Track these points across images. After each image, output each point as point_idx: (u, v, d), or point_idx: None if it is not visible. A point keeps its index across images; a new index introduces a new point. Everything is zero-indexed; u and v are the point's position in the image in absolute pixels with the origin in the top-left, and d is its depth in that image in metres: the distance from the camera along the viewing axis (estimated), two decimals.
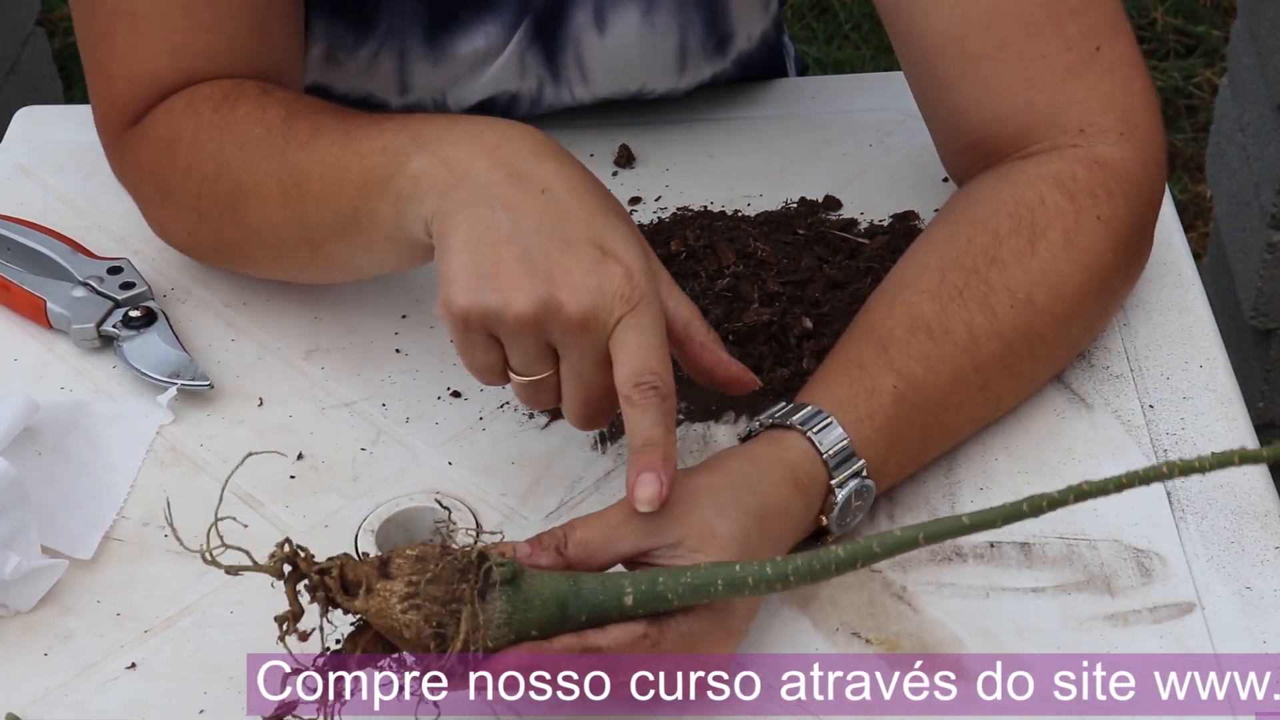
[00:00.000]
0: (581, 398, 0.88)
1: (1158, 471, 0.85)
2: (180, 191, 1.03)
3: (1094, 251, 0.99)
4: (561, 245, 0.85)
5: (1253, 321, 1.79)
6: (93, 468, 1.00)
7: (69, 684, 0.90)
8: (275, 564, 0.80)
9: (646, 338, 0.85)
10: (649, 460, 0.85)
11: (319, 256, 0.99)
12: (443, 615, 0.79)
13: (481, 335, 0.87)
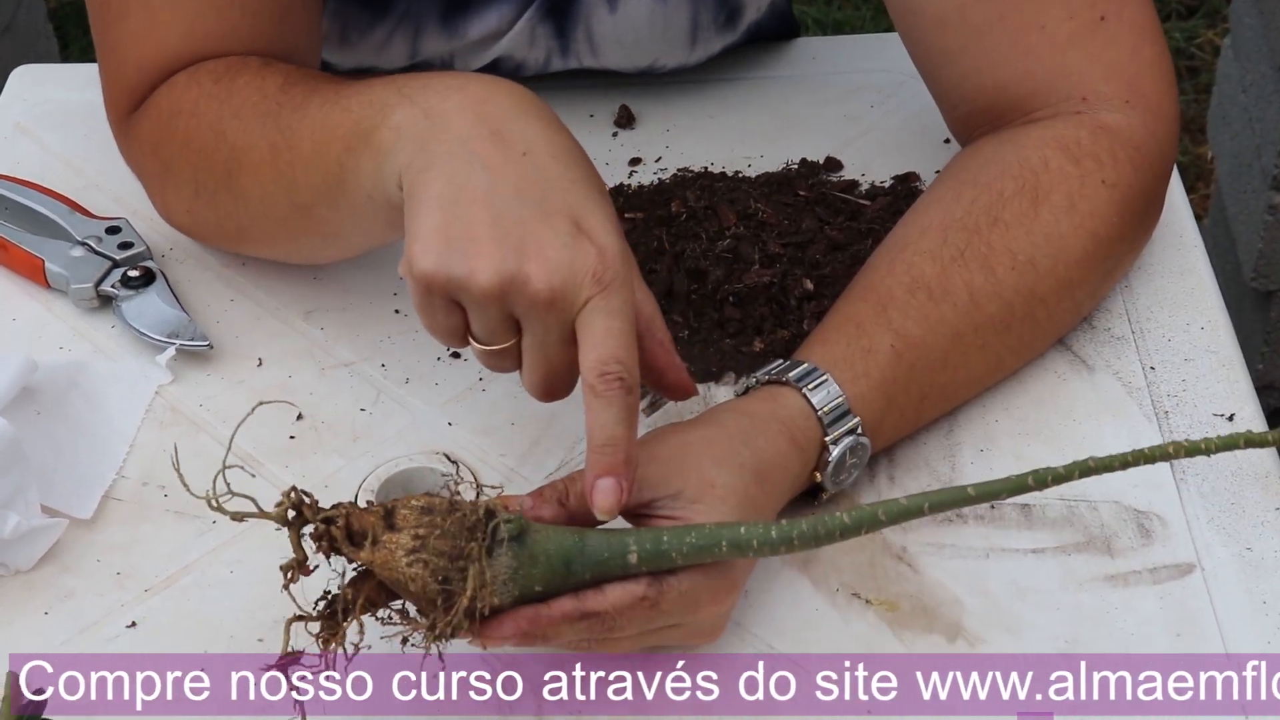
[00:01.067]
0: (542, 372, 0.86)
1: (1163, 451, 0.85)
2: (179, 165, 1.02)
3: (1098, 216, 0.99)
4: (537, 214, 0.83)
5: (1253, 283, 1.79)
6: (92, 427, 1.00)
7: (70, 642, 0.90)
8: (281, 511, 0.80)
9: (615, 322, 0.83)
10: (609, 463, 0.83)
11: (310, 224, 0.97)
12: (449, 570, 0.79)
13: (443, 300, 0.84)
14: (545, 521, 0.84)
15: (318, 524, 0.80)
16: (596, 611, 0.82)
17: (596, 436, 0.83)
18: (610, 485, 0.83)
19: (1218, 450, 0.86)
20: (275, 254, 1.05)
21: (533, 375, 0.86)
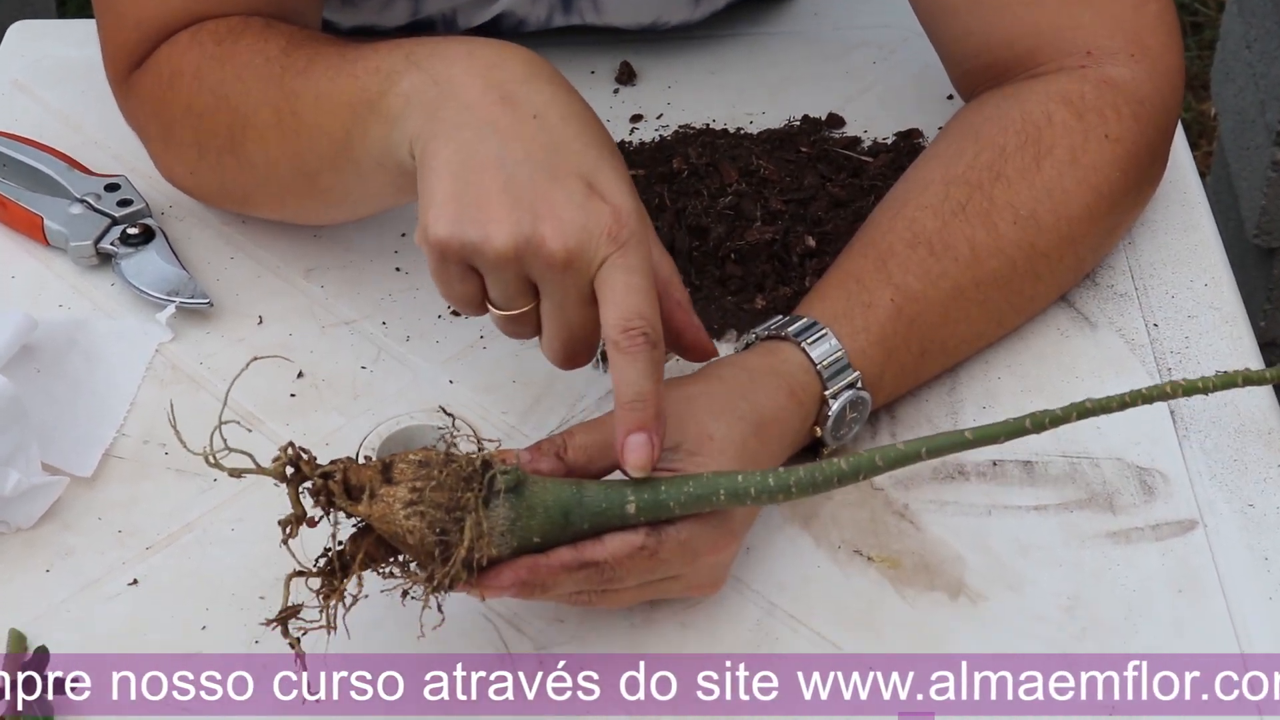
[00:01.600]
0: (562, 337, 0.86)
1: (1161, 390, 0.86)
2: (181, 127, 1.01)
3: (1101, 170, 0.98)
4: (549, 177, 0.83)
5: (1256, 240, 1.79)
6: (92, 385, 0.99)
7: (71, 600, 0.90)
8: (278, 467, 0.80)
9: (635, 279, 0.82)
10: (639, 419, 0.82)
11: (315, 190, 0.97)
12: (446, 522, 0.79)
13: (459, 266, 0.84)
14: (543, 474, 0.84)
15: (315, 479, 0.79)
16: (595, 561, 0.82)
17: (625, 393, 0.82)
18: (642, 441, 0.82)
19: (1216, 389, 0.86)
20: (281, 216, 1.05)
21: (553, 340, 0.86)
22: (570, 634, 0.88)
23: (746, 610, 0.89)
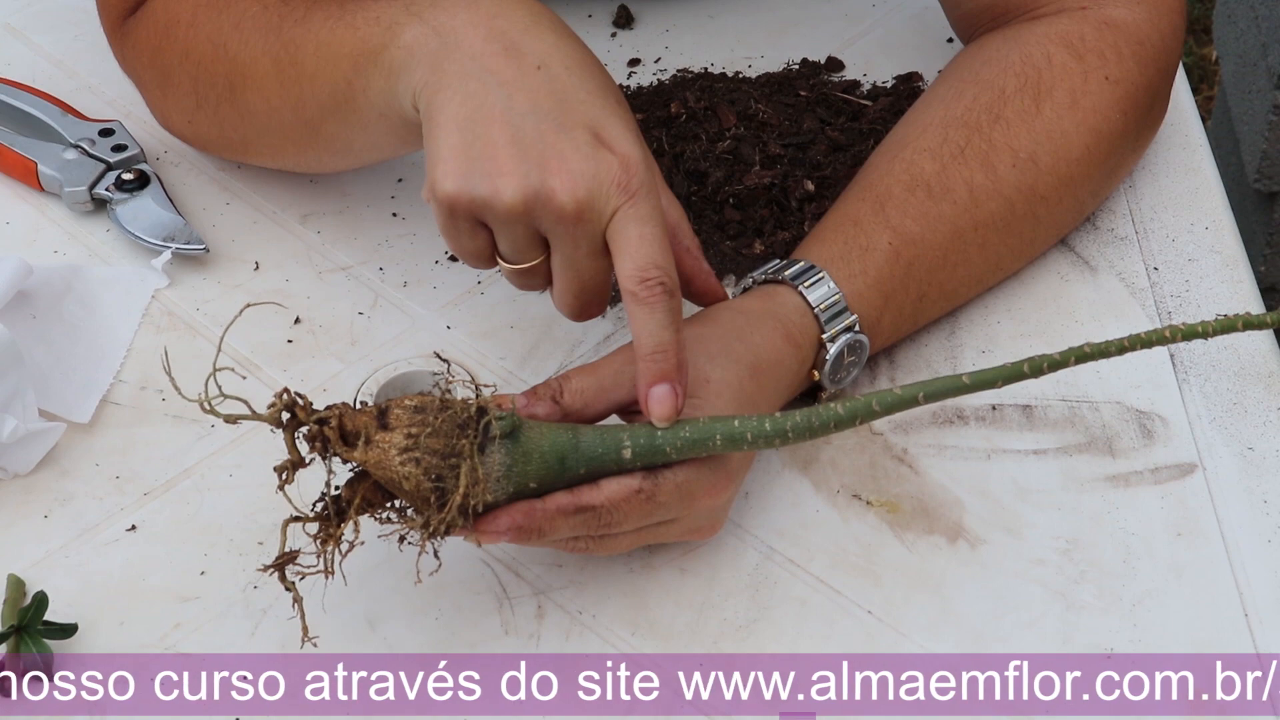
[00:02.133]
0: (574, 289, 0.85)
1: (1160, 335, 0.85)
2: (178, 76, 1.00)
3: (1101, 112, 0.98)
4: (556, 128, 0.82)
5: (1256, 184, 1.78)
6: (88, 331, 0.99)
7: (69, 546, 0.90)
8: (274, 413, 0.79)
9: (648, 229, 0.82)
10: (661, 370, 0.82)
11: (317, 139, 0.96)
12: (441, 468, 0.79)
13: (468, 221, 0.84)
14: (539, 419, 0.84)
15: (311, 424, 0.79)
16: (592, 505, 0.82)
17: (645, 344, 0.82)
18: (665, 392, 0.82)
19: (1216, 334, 0.86)
20: (281, 165, 1.04)
21: (564, 293, 0.85)
22: (568, 579, 0.88)
23: (745, 555, 0.90)
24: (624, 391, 0.85)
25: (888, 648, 0.86)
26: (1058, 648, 0.85)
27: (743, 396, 0.86)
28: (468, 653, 0.85)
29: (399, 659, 0.85)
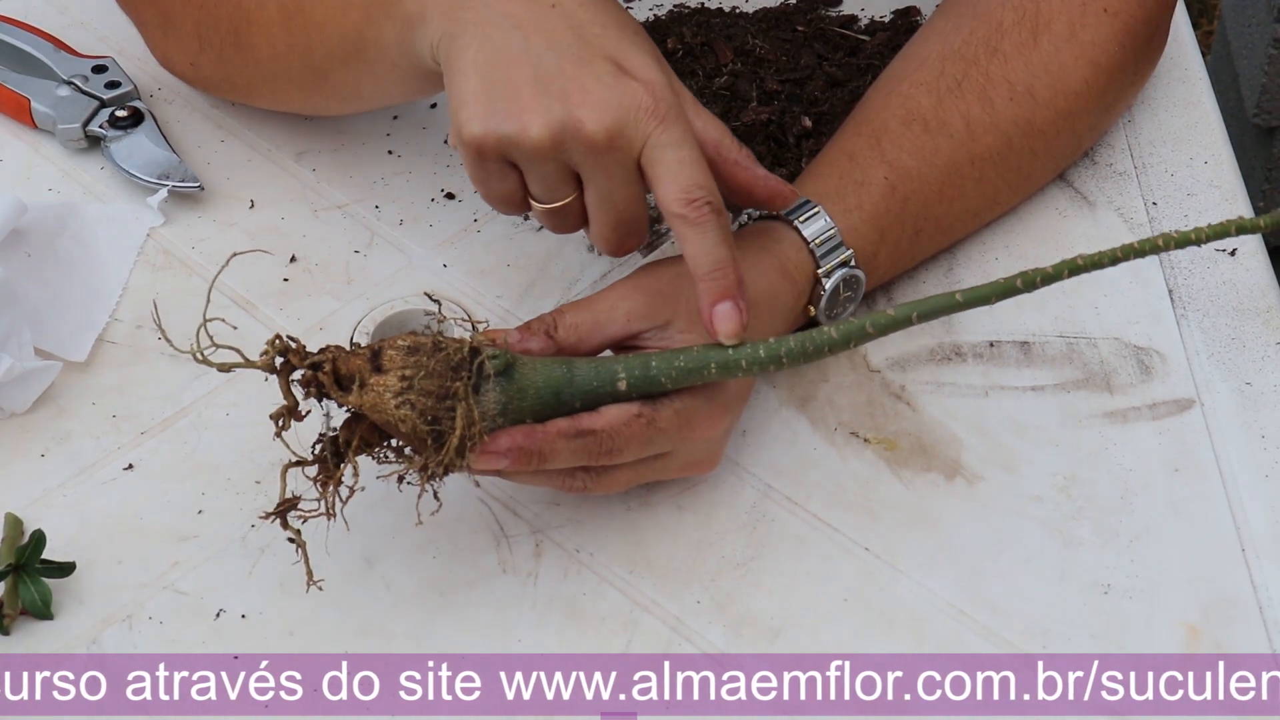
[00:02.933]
0: (611, 221, 0.84)
1: (1153, 244, 0.83)
2: (181, 18, 0.99)
3: (1099, 45, 0.97)
4: (577, 62, 0.82)
5: (1255, 119, 1.77)
6: (84, 270, 0.99)
7: (66, 485, 0.90)
8: (267, 359, 0.79)
9: (685, 151, 0.81)
10: (723, 287, 0.82)
11: (325, 86, 0.96)
12: (437, 410, 0.79)
13: (497, 163, 0.83)
14: (534, 354, 0.84)
15: (305, 369, 0.79)
16: (592, 430, 0.82)
17: (702, 264, 0.82)
18: (729, 309, 0.82)
19: (1209, 239, 0.83)
20: (286, 108, 1.04)
21: (602, 227, 0.85)
22: (566, 517, 0.88)
23: (743, 493, 0.90)
24: (618, 326, 0.85)
25: (885, 584, 0.86)
26: (1055, 584, 0.86)
27: None
28: (464, 595, 0.85)
29: (395, 601, 0.85)
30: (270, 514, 0.80)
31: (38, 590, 0.84)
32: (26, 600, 0.84)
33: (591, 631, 0.84)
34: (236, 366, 0.79)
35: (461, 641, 0.84)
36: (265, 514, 0.81)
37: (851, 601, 0.85)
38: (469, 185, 1.03)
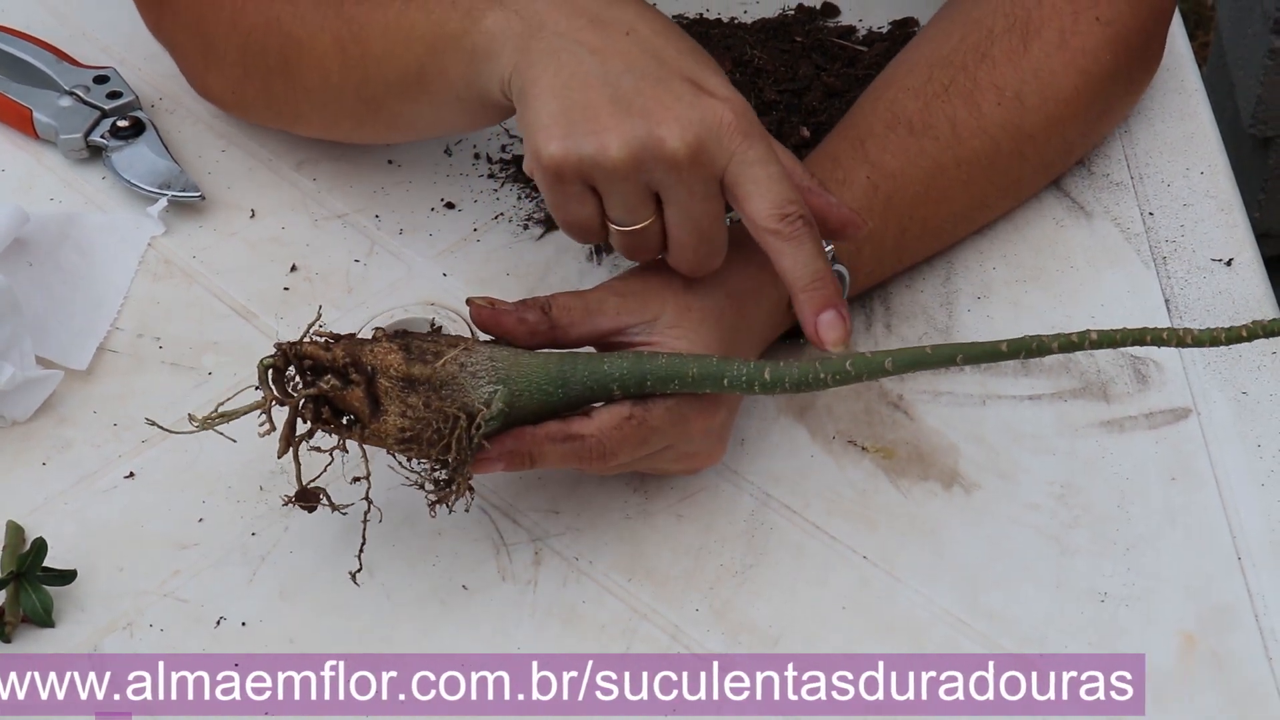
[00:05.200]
0: (692, 241, 0.84)
1: (1172, 337, 0.79)
2: (224, 46, 0.99)
3: (1090, 52, 0.98)
4: (655, 82, 0.81)
5: (1251, 130, 1.78)
6: (85, 279, 0.99)
7: (68, 493, 0.90)
8: (265, 405, 0.80)
9: (772, 168, 0.81)
10: (824, 297, 0.82)
11: (379, 117, 0.95)
12: (439, 449, 0.80)
13: (576, 186, 0.83)
14: (529, 325, 0.84)
15: (311, 422, 0.80)
16: (581, 434, 0.82)
17: (801, 277, 0.82)
18: (833, 317, 0.83)
19: (1229, 341, 0.79)
20: (335, 138, 1.03)
21: (682, 247, 0.84)
22: (565, 525, 0.89)
23: (741, 501, 0.90)
24: (608, 317, 0.85)
25: (883, 592, 0.86)
26: (1052, 591, 0.86)
27: (725, 323, 0.87)
28: (464, 603, 0.86)
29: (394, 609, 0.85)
30: (291, 499, 0.82)
31: (39, 598, 0.84)
32: (28, 608, 0.84)
33: (591, 639, 0.85)
34: (237, 415, 0.81)
35: (461, 649, 0.84)
36: (286, 498, 0.82)
37: (850, 609, 0.86)
38: (469, 194, 1.04)
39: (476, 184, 1.04)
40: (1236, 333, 0.78)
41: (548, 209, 0.85)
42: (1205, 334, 0.78)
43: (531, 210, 1.03)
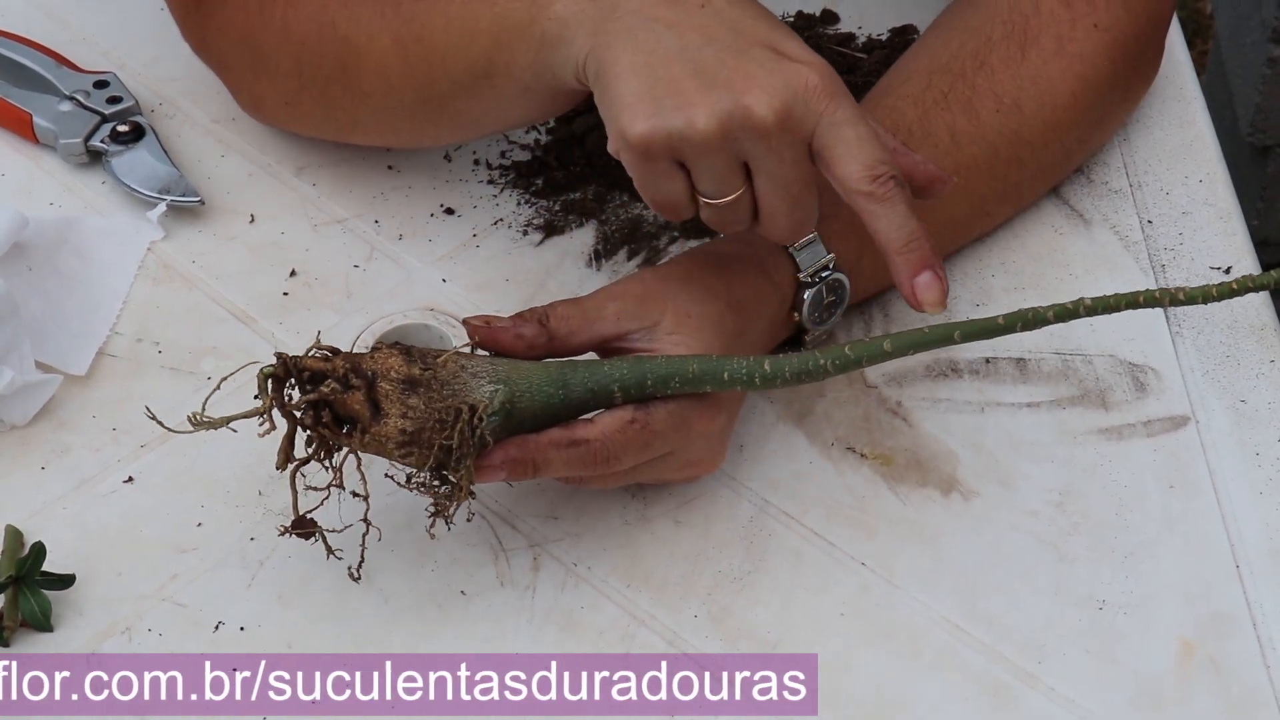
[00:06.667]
0: (785, 208, 0.83)
1: (1169, 295, 0.82)
2: (277, 56, 0.98)
3: (1088, 59, 0.98)
4: (735, 52, 0.81)
5: (1250, 138, 1.78)
6: (84, 283, 0.99)
7: (67, 497, 0.90)
8: (263, 407, 0.80)
9: (861, 129, 0.81)
10: (920, 258, 0.81)
11: (442, 116, 0.95)
12: (440, 456, 0.80)
13: (665, 163, 0.82)
14: (526, 339, 0.84)
15: (310, 431, 0.80)
16: (585, 439, 0.82)
17: (896, 239, 0.81)
18: (930, 279, 0.82)
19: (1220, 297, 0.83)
20: (391, 143, 1.03)
21: (774, 214, 0.84)
22: (564, 530, 0.89)
23: (740, 507, 0.90)
24: (607, 324, 0.86)
25: (881, 599, 0.86)
26: (1050, 599, 0.86)
27: (724, 330, 0.87)
28: (462, 608, 0.86)
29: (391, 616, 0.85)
30: (287, 528, 0.82)
31: (38, 602, 0.84)
32: (26, 612, 0.84)
33: (589, 644, 0.85)
34: (236, 419, 0.80)
35: (459, 654, 0.84)
36: (283, 528, 0.82)
37: (848, 616, 0.86)
38: (468, 200, 1.04)
39: (476, 189, 1.04)
40: (1227, 288, 0.80)
41: (635, 188, 0.84)
42: (1197, 291, 0.80)
43: (531, 216, 1.03)
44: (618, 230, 1.02)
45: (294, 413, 0.80)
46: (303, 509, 0.82)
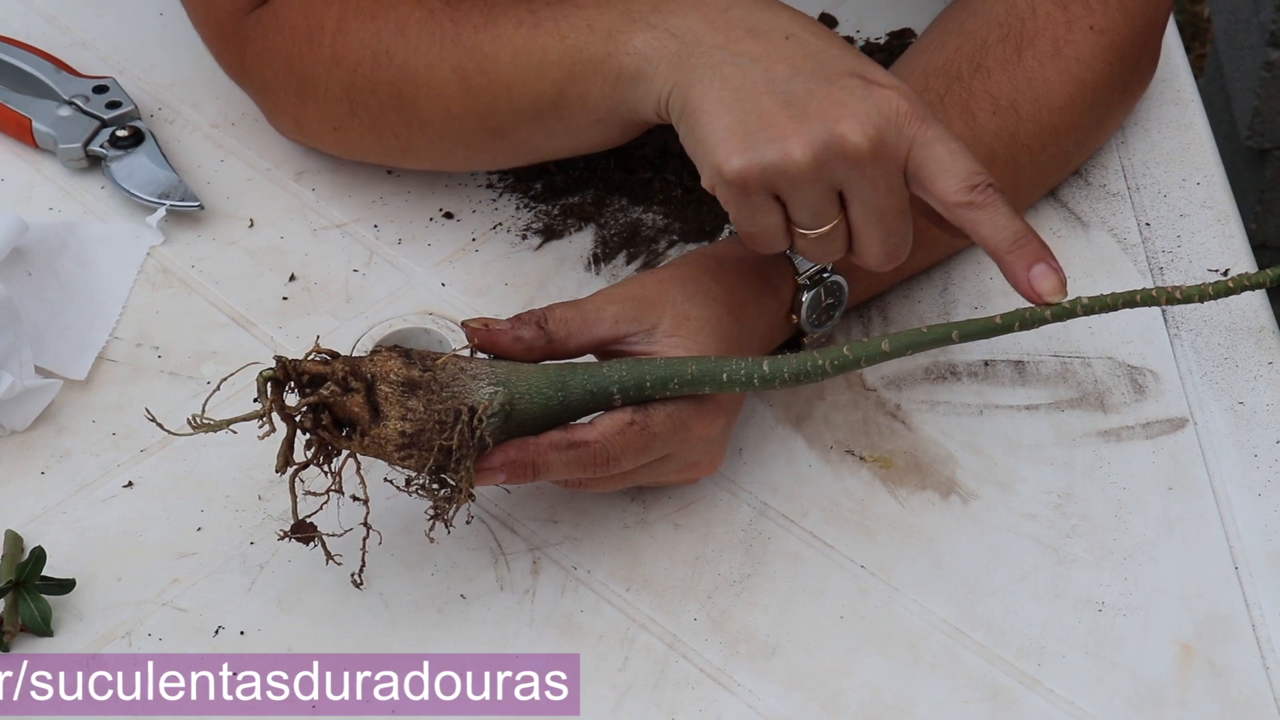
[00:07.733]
0: (880, 235, 0.84)
1: (1163, 294, 0.82)
2: (326, 83, 0.97)
3: (1084, 61, 0.98)
4: (824, 82, 0.82)
5: (1248, 141, 1.78)
6: (84, 288, 0.99)
7: (66, 502, 0.90)
8: (263, 410, 0.80)
9: (953, 144, 0.82)
10: (1032, 253, 0.81)
11: (500, 144, 0.95)
12: (440, 458, 0.80)
13: (761, 196, 0.82)
14: (525, 341, 0.84)
15: (305, 425, 0.80)
16: (585, 441, 0.82)
17: (1004, 240, 0.82)
18: (1044, 269, 0.82)
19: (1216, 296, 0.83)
20: (443, 168, 1.03)
21: (871, 241, 0.84)
22: (564, 534, 0.89)
23: (739, 511, 0.90)
24: (605, 327, 0.86)
25: (880, 602, 0.86)
26: (1049, 601, 0.86)
27: (722, 333, 0.87)
28: (462, 611, 0.86)
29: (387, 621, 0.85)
30: (287, 533, 0.82)
31: (38, 607, 0.85)
32: (26, 617, 0.84)
33: (588, 648, 0.85)
34: (235, 421, 0.81)
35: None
36: (283, 534, 0.82)
37: (847, 619, 0.86)
38: (467, 204, 1.04)
39: (475, 194, 1.04)
40: (1223, 286, 0.81)
41: (731, 223, 0.85)
42: (1193, 290, 0.81)
43: (530, 220, 1.03)
44: (616, 234, 1.02)
45: (293, 416, 0.81)
46: (302, 513, 0.82)
